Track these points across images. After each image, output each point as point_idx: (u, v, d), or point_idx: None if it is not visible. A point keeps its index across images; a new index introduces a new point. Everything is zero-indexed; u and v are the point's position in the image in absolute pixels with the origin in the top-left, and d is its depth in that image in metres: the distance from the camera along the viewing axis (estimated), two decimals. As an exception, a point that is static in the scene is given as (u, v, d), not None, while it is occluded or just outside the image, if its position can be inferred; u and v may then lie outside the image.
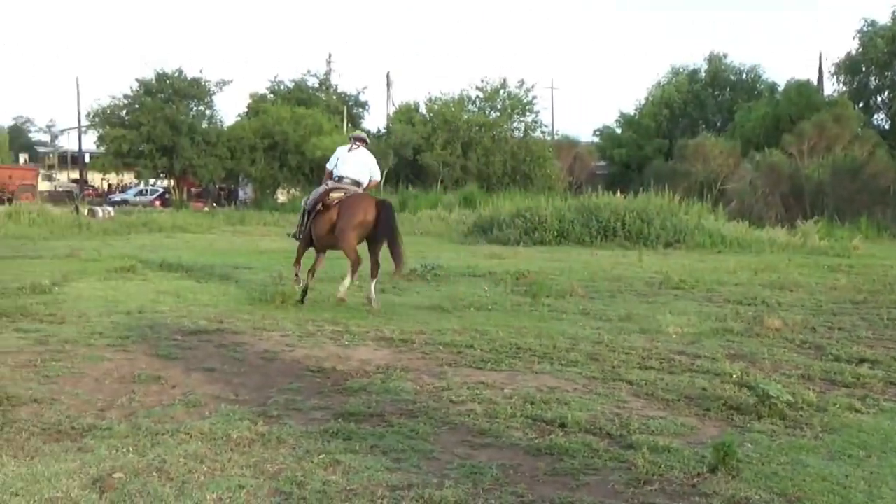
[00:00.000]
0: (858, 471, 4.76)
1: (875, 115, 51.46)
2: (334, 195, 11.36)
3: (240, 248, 20.63)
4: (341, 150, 12.15)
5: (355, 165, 11.77)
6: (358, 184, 11.71)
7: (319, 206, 11.40)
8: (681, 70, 62.40)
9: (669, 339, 8.68)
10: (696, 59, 73.25)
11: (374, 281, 11.05)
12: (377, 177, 12.34)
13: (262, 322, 9.27)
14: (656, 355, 7.84)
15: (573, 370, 7.20)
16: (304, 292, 11.11)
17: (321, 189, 11.77)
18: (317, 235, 11.50)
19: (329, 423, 5.45)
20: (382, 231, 11.08)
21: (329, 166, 12.03)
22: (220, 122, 54.00)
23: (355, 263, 11.04)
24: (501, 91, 50.76)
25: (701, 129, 56.95)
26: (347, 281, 11.08)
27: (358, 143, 12.10)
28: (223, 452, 4.81)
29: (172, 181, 53.34)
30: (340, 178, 11.63)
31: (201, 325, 8.99)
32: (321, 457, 4.78)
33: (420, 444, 5.10)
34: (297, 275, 11.80)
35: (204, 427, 5.23)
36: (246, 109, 58.07)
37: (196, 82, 51.73)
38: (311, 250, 11.84)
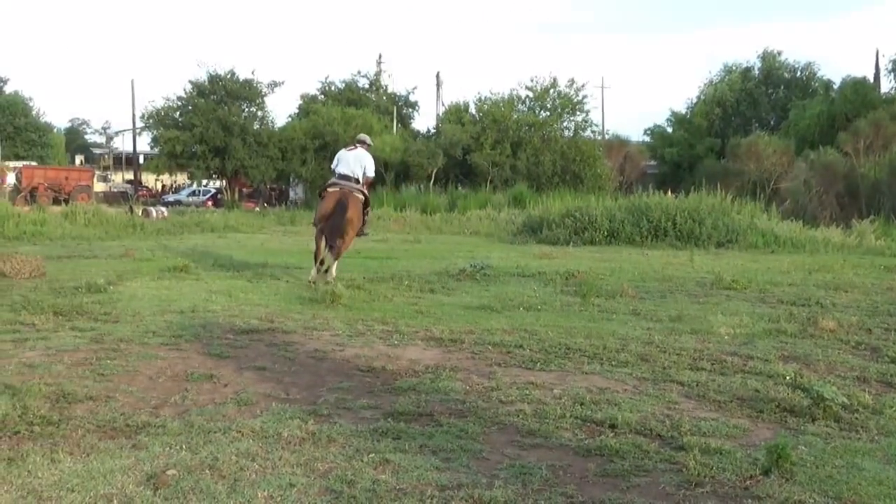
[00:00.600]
0: (916, 475, 4.67)
1: (934, 113, 50.36)
2: (330, 189, 13.27)
3: (290, 247, 20.78)
4: (341, 151, 13.78)
5: (350, 163, 13.29)
6: (348, 178, 13.18)
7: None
8: (734, 68, 61.76)
9: (721, 340, 8.58)
10: (749, 57, 72.31)
11: (333, 263, 12.74)
12: (370, 173, 13.64)
13: (312, 321, 9.33)
14: (708, 356, 7.76)
15: (623, 371, 7.16)
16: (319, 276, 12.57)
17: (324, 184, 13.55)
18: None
19: (379, 422, 5.48)
20: (329, 223, 12.80)
21: (332, 165, 13.64)
22: (272, 123, 54.40)
23: (316, 253, 12.89)
24: (551, 90, 50.57)
25: (754, 127, 56.36)
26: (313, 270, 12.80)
27: (357, 145, 13.67)
28: (274, 451, 4.86)
29: (224, 182, 53.89)
30: (338, 175, 13.25)
31: (253, 324, 9.07)
32: (371, 456, 4.80)
33: (469, 443, 5.11)
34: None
35: (255, 425, 5.29)
36: (297, 110, 58.62)
37: (248, 84, 52.16)
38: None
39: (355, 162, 13.29)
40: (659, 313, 10.31)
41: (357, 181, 13.20)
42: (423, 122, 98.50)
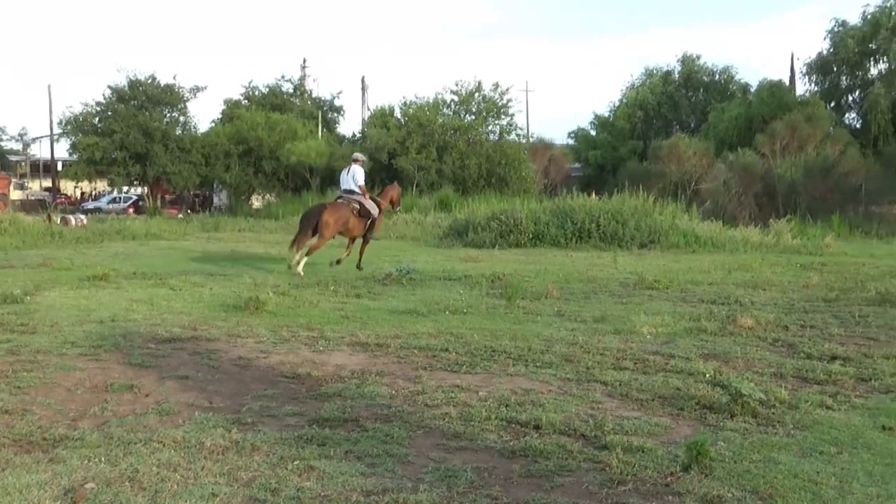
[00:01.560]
0: (830, 467, 4.81)
1: (846, 115, 51.89)
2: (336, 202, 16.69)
3: (214, 254, 20.50)
4: (342, 172, 17.08)
5: (346, 180, 16.62)
6: (352, 192, 16.42)
7: None
8: (654, 71, 62.66)
9: (644, 340, 8.73)
10: (669, 61, 73.41)
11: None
12: (360, 181, 16.52)
13: (236, 329, 9.24)
14: (630, 356, 7.88)
15: (548, 372, 7.23)
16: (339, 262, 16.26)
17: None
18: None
19: (304, 429, 5.45)
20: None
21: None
22: (195, 128, 53.62)
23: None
24: (476, 94, 50.68)
25: (675, 130, 57.31)
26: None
27: (351, 163, 16.76)
28: (197, 461, 4.80)
29: (146, 188, 53.00)
30: (343, 191, 16.74)
31: (175, 332, 8.94)
32: (296, 463, 4.78)
33: (395, 448, 5.11)
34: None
35: (177, 435, 5.22)
36: (220, 115, 57.77)
37: (169, 89, 51.36)
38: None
39: (349, 178, 16.49)
40: (583, 314, 10.43)
41: (360, 192, 16.46)
42: (349, 126, 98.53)
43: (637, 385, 6.73)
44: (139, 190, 55.89)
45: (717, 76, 61.79)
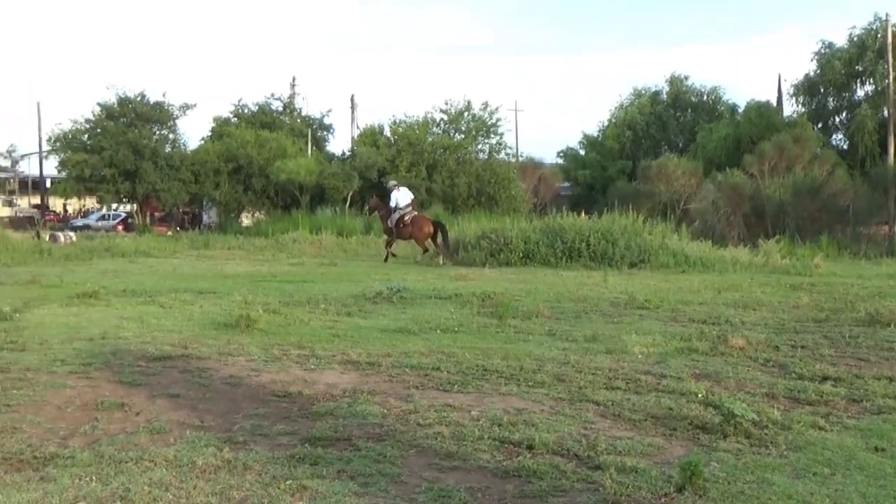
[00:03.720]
0: (823, 488, 4.81)
1: (833, 136, 52.14)
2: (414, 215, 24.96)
3: (204, 272, 20.46)
4: (393, 193, 25.53)
5: (405, 197, 25.21)
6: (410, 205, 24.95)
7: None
8: (643, 92, 62.97)
9: (635, 359, 8.73)
10: (657, 81, 73.78)
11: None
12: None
13: (227, 347, 9.20)
14: (622, 375, 7.88)
15: (540, 391, 7.22)
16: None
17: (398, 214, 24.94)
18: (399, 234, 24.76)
19: (296, 448, 5.43)
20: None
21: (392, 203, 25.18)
22: (184, 146, 53.55)
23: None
24: (466, 113, 50.87)
25: (664, 150, 57.45)
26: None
27: (397, 186, 26.06)
28: (188, 480, 4.77)
29: (135, 206, 52.89)
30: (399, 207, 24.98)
31: (165, 350, 8.90)
32: (288, 483, 4.76)
33: (387, 467, 5.09)
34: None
35: (169, 454, 5.19)
36: (210, 133, 57.74)
37: (159, 106, 51.33)
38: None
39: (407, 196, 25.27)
40: (574, 333, 10.43)
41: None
42: (338, 144, 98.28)
43: (629, 405, 6.73)
44: (128, 207, 55.77)
45: (706, 97, 62.14)
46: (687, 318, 12.01)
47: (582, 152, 63.13)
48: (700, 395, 6.83)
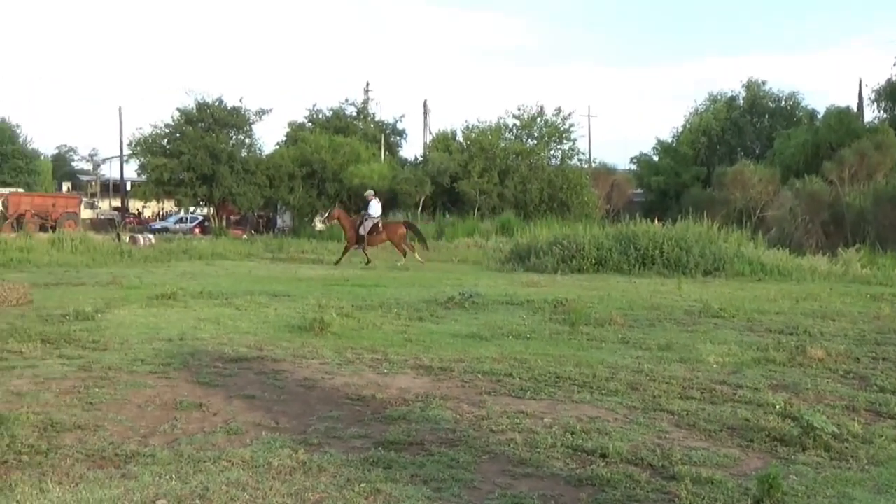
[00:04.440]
0: (906, 504, 4.69)
1: (917, 143, 50.74)
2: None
3: (278, 275, 20.74)
4: (373, 202, 26.71)
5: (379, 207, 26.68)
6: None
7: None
8: (719, 97, 62.10)
9: (710, 369, 8.60)
10: (734, 86, 72.61)
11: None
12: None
13: (301, 350, 9.32)
14: (697, 385, 7.78)
15: (613, 399, 7.16)
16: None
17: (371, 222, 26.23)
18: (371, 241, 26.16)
19: (369, 451, 5.47)
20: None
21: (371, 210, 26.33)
22: (260, 150, 54.37)
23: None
24: (538, 119, 50.78)
25: (739, 156, 56.64)
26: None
27: (374, 196, 27.21)
28: (265, 480, 4.84)
29: (212, 209, 53.82)
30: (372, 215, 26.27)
31: (241, 352, 9.05)
32: (362, 486, 4.79)
33: (460, 473, 5.10)
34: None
35: (245, 454, 5.27)
36: (284, 138, 58.56)
37: (236, 111, 52.17)
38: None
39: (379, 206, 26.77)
40: (648, 342, 10.32)
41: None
42: (411, 150, 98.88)
43: (705, 415, 6.64)
44: (205, 210, 56.77)
45: (783, 102, 61.07)
46: (763, 328, 11.79)
47: (656, 158, 62.48)
48: (778, 407, 6.72)
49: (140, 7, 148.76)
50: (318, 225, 47.55)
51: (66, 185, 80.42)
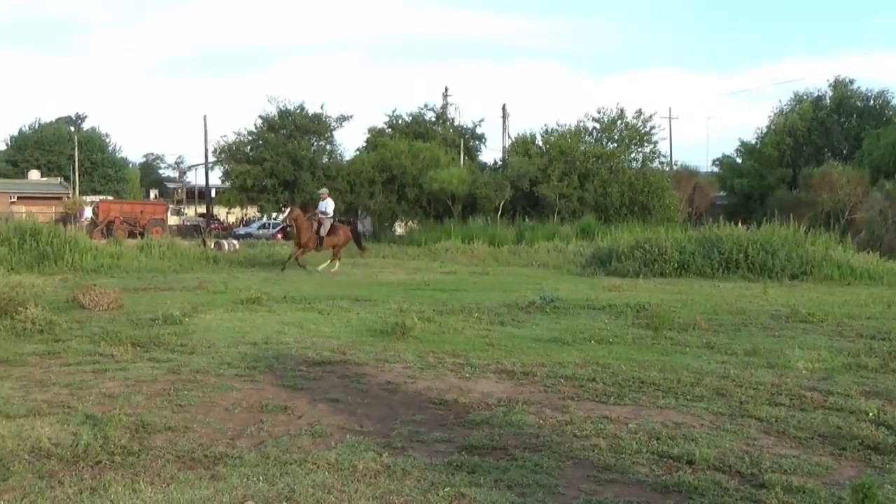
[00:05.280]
0: None
1: None
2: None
3: (359, 280, 20.93)
4: (329, 201, 25.59)
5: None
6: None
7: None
8: (804, 97, 60.63)
9: (799, 375, 8.41)
10: (820, 86, 70.99)
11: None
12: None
13: (383, 354, 9.37)
14: (786, 391, 7.61)
15: (699, 405, 7.05)
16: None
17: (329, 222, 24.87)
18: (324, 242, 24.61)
19: (453, 455, 5.47)
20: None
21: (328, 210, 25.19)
22: (340, 156, 55.00)
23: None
24: (619, 122, 50.30)
25: (826, 157, 55.22)
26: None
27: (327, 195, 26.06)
28: (350, 483, 4.88)
29: (294, 215, 54.51)
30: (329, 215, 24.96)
31: (325, 356, 9.15)
32: (446, 490, 4.79)
33: (544, 478, 5.07)
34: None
35: (330, 457, 5.32)
36: (365, 143, 59.07)
37: (317, 118, 52.88)
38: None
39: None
40: (733, 346, 10.14)
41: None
42: (490, 154, 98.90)
43: (794, 422, 6.49)
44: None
45: (872, 101, 59.32)
46: (854, 333, 11.49)
47: (739, 160, 61.37)
48: (871, 414, 6.54)
49: (223, 15, 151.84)
50: (398, 230, 47.95)
51: (153, 193, 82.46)
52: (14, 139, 78.47)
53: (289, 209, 27.68)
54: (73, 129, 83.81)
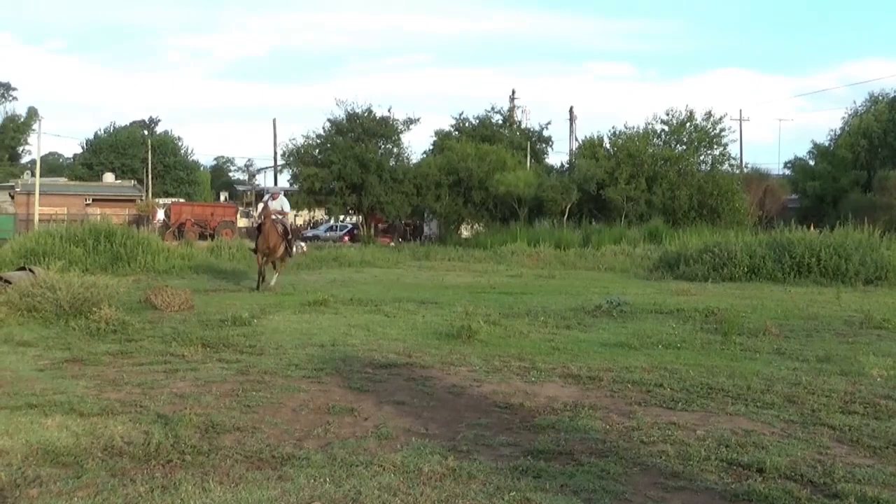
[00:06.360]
0: None
1: None
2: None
3: (425, 282, 21.00)
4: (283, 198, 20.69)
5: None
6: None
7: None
8: (880, 98, 59.29)
9: (874, 383, 8.21)
10: (896, 86, 69.40)
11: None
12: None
13: (449, 357, 9.38)
14: (860, 399, 7.43)
15: (769, 412, 6.92)
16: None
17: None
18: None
19: (518, 459, 5.45)
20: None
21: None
22: (407, 159, 55.26)
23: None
24: (688, 124, 49.76)
25: (902, 159, 53.92)
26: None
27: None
28: (416, 486, 4.89)
29: (361, 217, 54.95)
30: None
31: (391, 358, 9.19)
32: (512, 494, 4.78)
33: (611, 484, 5.02)
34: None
35: (396, 460, 5.33)
36: (431, 146, 59.31)
37: (384, 121, 53.20)
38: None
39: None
40: (805, 353, 9.94)
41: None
42: (557, 157, 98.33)
43: (869, 431, 6.33)
44: (354, 219, 58.04)
45: (952, 101, 57.76)
46: (932, 340, 11.18)
47: (812, 163, 60.25)
48: (950, 424, 6.35)
49: (293, 20, 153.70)
50: (465, 233, 47.99)
51: (223, 195, 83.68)
52: (90, 143, 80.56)
53: (262, 206, 22.19)
54: (146, 132, 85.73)
